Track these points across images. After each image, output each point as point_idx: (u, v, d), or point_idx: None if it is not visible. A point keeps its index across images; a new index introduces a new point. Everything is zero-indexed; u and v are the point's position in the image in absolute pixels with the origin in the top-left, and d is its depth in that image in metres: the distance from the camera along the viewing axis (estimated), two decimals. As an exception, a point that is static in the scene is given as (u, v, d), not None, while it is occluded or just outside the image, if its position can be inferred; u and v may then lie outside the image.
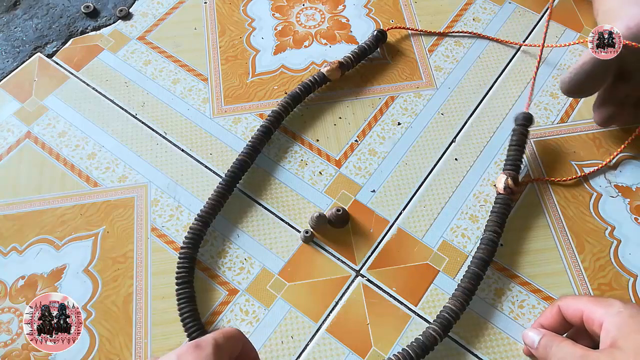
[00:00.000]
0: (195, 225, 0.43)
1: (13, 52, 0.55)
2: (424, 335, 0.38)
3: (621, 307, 0.33)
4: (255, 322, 0.41)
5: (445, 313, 0.39)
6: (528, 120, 0.46)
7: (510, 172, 0.44)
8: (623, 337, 0.32)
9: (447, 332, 0.39)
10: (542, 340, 0.36)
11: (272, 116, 0.48)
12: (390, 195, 0.47)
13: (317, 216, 0.43)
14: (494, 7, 0.57)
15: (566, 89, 0.45)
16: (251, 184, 0.47)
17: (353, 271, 0.44)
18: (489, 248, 0.41)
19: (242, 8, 0.58)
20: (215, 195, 0.44)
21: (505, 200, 0.43)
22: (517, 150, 0.45)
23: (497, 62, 0.54)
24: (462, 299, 0.39)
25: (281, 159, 0.49)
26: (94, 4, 0.58)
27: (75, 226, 0.45)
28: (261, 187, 0.47)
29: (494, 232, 0.42)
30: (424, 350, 0.37)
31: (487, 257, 0.41)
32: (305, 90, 0.49)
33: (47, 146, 0.49)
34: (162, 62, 0.54)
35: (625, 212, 0.46)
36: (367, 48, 0.52)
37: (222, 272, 0.43)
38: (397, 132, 0.50)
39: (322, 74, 0.50)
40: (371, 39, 0.53)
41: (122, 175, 0.48)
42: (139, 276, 0.43)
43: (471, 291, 0.40)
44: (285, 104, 0.48)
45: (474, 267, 0.41)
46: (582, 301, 0.35)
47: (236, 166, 0.45)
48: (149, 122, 0.51)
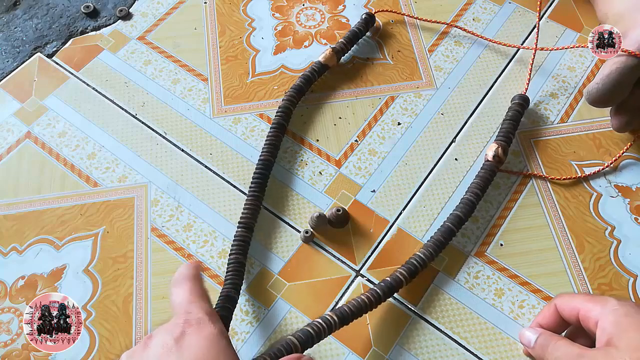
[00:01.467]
0: (240, 232, 0.42)
1: (13, 52, 0.55)
2: (391, 278, 0.40)
3: (616, 304, 0.33)
4: (255, 322, 0.41)
5: (414, 260, 0.41)
6: (524, 100, 0.48)
7: (501, 143, 0.46)
8: (618, 336, 0.31)
9: (412, 278, 0.40)
10: (539, 339, 0.36)
11: (282, 111, 0.48)
12: (390, 195, 0.47)
13: (317, 216, 0.43)
14: (493, 7, 0.57)
15: (593, 100, 0.45)
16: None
17: (353, 271, 0.44)
18: (467, 207, 0.43)
19: (242, 8, 0.58)
20: (251, 199, 0.44)
21: (491, 167, 0.45)
22: (510, 124, 0.47)
23: (497, 62, 0.54)
24: (431, 249, 0.41)
25: (281, 159, 0.49)
26: (94, 4, 0.58)
27: (75, 226, 0.45)
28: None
29: (474, 194, 0.43)
30: (391, 290, 0.39)
31: (462, 215, 0.42)
32: (306, 81, 0.50)
33: (47, 146, 0.49)
34: (162, 62, 0.54)
35: (625, 212, 0.46)
36: (357, 31, 0.53)
37: (222, 272, 0.43)
38: (397, 132, 0.50)
39: (318, 62, 0.51)
40: (361, 23, 0.53)
41: (122, 175, 0.48)
42: (139, 276, 0.43)
43: (442, 243, 0.42)
44: (291, 97, 0.49)
45: (449, 222, 0.42)
46: (578, 299, 0.35)
47: (262, 166, 0.45)
48: (149, 122, 0.51)
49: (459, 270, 0.43)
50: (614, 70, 0.43)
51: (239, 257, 0.41)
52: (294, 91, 0.49)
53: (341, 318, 0.37)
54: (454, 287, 0.43)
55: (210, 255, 0.44)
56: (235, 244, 0.42)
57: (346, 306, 0.38)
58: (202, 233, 0.45)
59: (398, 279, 0.39)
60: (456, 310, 0.42)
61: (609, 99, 0.45)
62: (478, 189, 0.44)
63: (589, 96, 0.45)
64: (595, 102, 0.45)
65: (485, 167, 0.45)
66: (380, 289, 0.39)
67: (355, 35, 0.53)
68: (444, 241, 0.42)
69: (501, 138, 0.46)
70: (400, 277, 0.39)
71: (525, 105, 0.49)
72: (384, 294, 0.39)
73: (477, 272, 0.43)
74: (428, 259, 0.41)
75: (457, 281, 0.43)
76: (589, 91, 0.45)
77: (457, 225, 0.42)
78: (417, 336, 0.41)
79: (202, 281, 0.34)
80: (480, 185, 0.44)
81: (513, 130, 0.47)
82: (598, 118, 0.50)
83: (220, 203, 0.46)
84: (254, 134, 0.50)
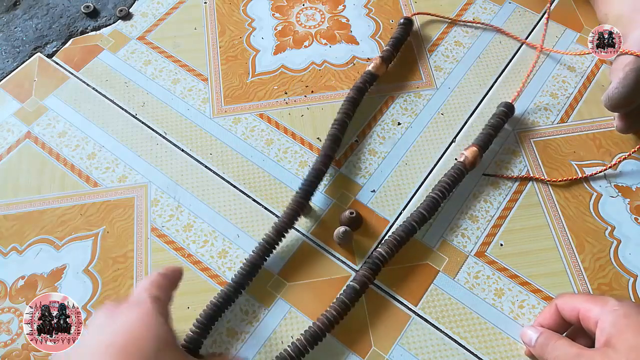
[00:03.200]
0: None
1: (13, 52, 0.55)
2: (355, 281, 0.40)
3: (616, 305, 0.33)
4: (255, 322, 0.41)
5: (375, 259, 0.41)
6: (509, 108, 0.49)
7: (477, 146, 0.46)
8: (617, 336, 0.32)
9: (375, 276, 0.41)
10: (539, 338, 0.36)
11: (338, 124, 0.47)
12: (390, 195, 0.47)
13: (343, 231, 0.43)
14: (493, 7, 0.57)
15: (616, 103, 0.45)
16: (251, 184, 0.47)
17: (353, 271, 0.44)
18: (430, 205, 0.43)
19: (242, 8, 0.58)
20: (292, 204, 0.43)
21: (461, 167, 0.45)
22: (490, 130, 0.47)
23: (497, 62, 0.54)
24: (392, 246, 0.42)
25: (281, 159, 0.49)
26: (94, 4, 0.58)
27: (75, 226, 0.45)
28: (261, 187, 0.47)
29: (439, 192, 0.44)
30: (356, 295, 0.40)
31: (425, 213, 0.43)
32: (360, 92, 0.49)
33: (47, 146, 0.49)
34: (162, 62, 0.54)
35: (625, 212, 0.46)
36: (400, 37, 0.53)
37: (222, 272, 0.43)
38: (397, 132, 0.50)
39: (369, 72, 0.50)
40: (400, 30, 0.53)
41: (122, 175, 0.48)
42: (139, 276, 0.43)
43: (403, 239, 0.42)
44: (347, 110, 0.48)
45: (411, 219, 0.43)
46: (578, 299, 0.35)
47: (313, 175, 0.44)
48: (149, 122, 0.51)
49: (459, 270, 0.43)
50: (629, 71, 0.44)
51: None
52: (349, 104, 0.48)
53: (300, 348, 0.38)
54: (454, 287, 0.43)
55: (210, 255, 0.44)
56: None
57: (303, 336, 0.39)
58: (202, 233, 0.45)
59: (362, 280, 0.40)
60: (456, 310, 0.42)
61: (631, 101, 0.45)
62: (444, 188, 0.44)
63: (611, 101, 0.45)
64: (617, 106, 0.45)
65: (458, 166, 0.45)
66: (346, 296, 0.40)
67: (398, 42, 0.53)
68: (404, 237, 0.42)
69: (478, 141, 0.46)
70: (364, 278, 0.40)
71: (509, 113, 0.49)
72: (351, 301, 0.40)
73: (477, 272, 0.43)
74: (389, 256, 0.42)
75: (457, 281, 0.43)
76: (611, 96, 0.45)
77: (420, 222, 0.43)
78: (417, 336, 0.41)
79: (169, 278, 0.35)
80: (447, 185, 0.44)
81: (491, 138, 0.47)
82: (598, 118, 0.50)
83: (220, 203, 0.46)
84: (254, 134, 0.50)
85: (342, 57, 0.54)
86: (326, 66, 0.54)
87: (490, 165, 0.48)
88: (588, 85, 0.52)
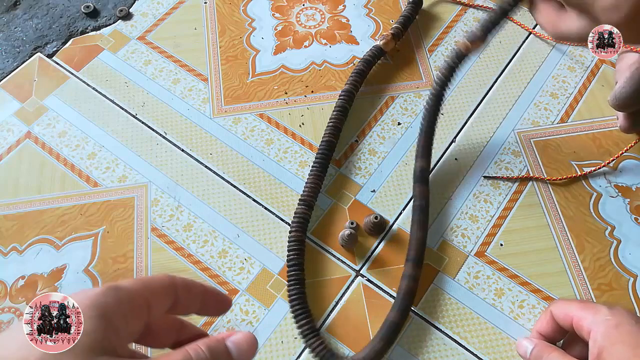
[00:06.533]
0: (300, 209, 0.43)
1: (13, 52, 0.55)
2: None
3: (608, 314, 0.33)
4: (255, 322, 0.41)
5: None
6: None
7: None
8: (608, 349, 0.32)
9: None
10: (534, 350, 0.37)
11: (345, 94, 0.49)
12: (390, 195, 0.47)
13: (348, 234, 0.43)
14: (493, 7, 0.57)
15: (623, 103, 0.45)
16: (251, 184, 0.47)
17: (353, 271, 0.44)
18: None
19: (242, 8, 0.58)
20: (312, 177, 0.45)
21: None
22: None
23: (497, 62, 0.54)
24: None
25: (281, 159, 0.49)
26: (94, 4, 0.58)
27: (75, 226, 0.45)
28: (261, 187, 0.47)
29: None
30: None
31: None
32: (367, 64, 0.51)
33: (47, 146, 0.49)
34: (162, 62, 0.54)
35: (625, 212, 0.46)
36: (409, 16, 0.54)
37: (222, 272, 0.43)
38: (397, 132, 0.50)
39: (378, 46, 0.51)
40: (409, 9, 0.54)
41: (122, 175, 0.48)
42: (139, 276, 0.43)
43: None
44: (354, 81, 0.49)
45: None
46: (571, 307, 0.35)
47: (325, 147, 0.46)
48: (149, 122, 0.51)
49: (459, 270, 0.43)
50: (635, 71, 0.43)
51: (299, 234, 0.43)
52: (357, 75, 0.50)
53: None
54: (454, 287, 0.43)
55: (210, 255, 0.44)
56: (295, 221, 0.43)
57: None
58: (202, 233, 0.45)
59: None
60: (456, 310, 0.42)
61: (638, 100, 0.45)
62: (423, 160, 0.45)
63: (618, 100, 0.45)
64: (624, 105, 0.45)
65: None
66: None
67: (408, 20, 0.54)
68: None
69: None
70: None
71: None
72: None
73: (477, 272, 0.43)
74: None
75: (457, 281, 0.43)
76: (618, 95, 0.45)
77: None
78: (417, 336, 0.41)
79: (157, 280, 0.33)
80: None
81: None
82: (598, 118, 0.50)
83: (220, 203, 0.46)
84: (254, 134, 0.50)
85: (342, 57, 0.54)
86: (326, 66, 0.54)
87: (490, 165, 0.48)
88: (588, 86, 0.52)
